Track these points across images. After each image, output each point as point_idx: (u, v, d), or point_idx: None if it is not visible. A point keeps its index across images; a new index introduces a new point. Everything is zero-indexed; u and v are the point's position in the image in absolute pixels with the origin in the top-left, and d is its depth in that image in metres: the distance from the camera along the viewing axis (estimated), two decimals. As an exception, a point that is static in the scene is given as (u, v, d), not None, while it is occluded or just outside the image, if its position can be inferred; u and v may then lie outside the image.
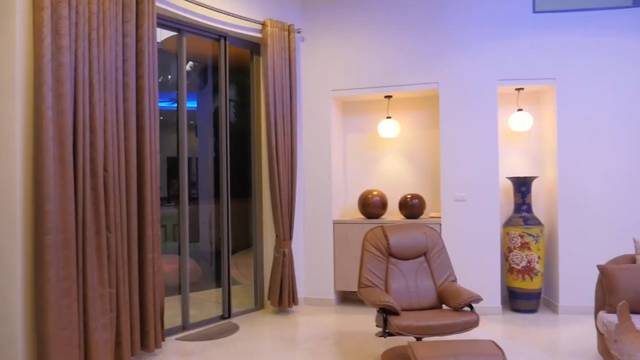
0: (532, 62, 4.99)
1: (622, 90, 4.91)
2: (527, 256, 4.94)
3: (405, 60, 5.24)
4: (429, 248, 4.03)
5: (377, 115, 5.72)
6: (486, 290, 4.96)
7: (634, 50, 4.89)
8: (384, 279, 3.91)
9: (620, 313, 2.21)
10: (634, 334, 2.22)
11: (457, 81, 5.09)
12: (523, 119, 5.20)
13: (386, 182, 5.71)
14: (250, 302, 5.43)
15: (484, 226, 5.00)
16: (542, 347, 4.03)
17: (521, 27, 5.01)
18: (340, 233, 5.39)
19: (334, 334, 4.49)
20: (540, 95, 5.39)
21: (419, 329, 3.38)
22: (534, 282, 4.96)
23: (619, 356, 2.07)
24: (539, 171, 5.39)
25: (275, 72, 5.13)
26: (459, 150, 5.07)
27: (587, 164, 4.93)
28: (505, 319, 4.86)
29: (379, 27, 5.32)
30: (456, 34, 5.10)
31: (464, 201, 5.03)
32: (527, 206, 5.05)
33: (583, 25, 4.95)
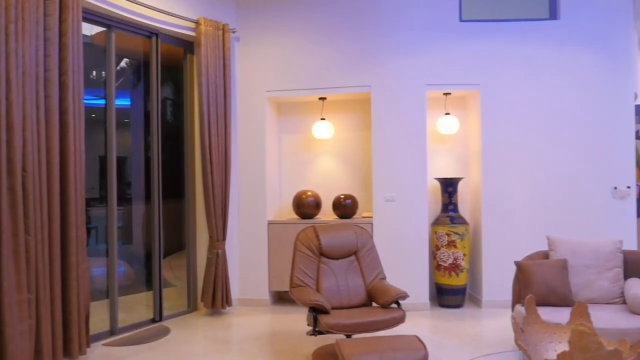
0: (458, 68, 5.22)
1: (540, 97, 5.23)
2: (453, 254, 5.16)
3: (339, 63, 5.33)
4: (360, 247, 4.13)
5: (311, 117, 5.79)
6: (415, 287, 5.16)
7: (551, 60, 5.23)
8: (315, 279, 3.97)
9: (527, 306, 2.37)
10: (540, 325, 2.39)
11: (388, 85, 5.24)
12: (450, 123, 5.43)
13: (320, 183, 5.79)
14: (183, 305, 5.34)
15: (413, 225, 5.18)
16: (465, 340, 4.23)
17: (449, 34, 5.23)
18: (275, 233, 5.41)
19: (267, 334, 4.50)
20: (466, 100, 5.65)
21: (348, 327, 3.46)
22: (460, 278, 5.19)
23: (525, 346, 2.22)
24: (465, 172, 5.64)
25: (209, 71, 5.07)
26: (389, 152, 5.22)
27: (508, 166, 5.22)
28: (433, 314, 5.05)
29: (314, 29, 5.39)
30: (388, 39, 5.25)
31: (394, 201, 5.19)
32: (453, 206, 5.27)
33: (505, 35, 5.23)
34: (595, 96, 5.26)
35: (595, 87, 5.26)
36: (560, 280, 3.70)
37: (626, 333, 3.18)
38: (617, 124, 5.32)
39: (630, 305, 3.43)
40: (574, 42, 5.24)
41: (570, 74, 5.24)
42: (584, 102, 5.25)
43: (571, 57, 5.24)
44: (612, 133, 5.29)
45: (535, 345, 2.31)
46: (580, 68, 5.25)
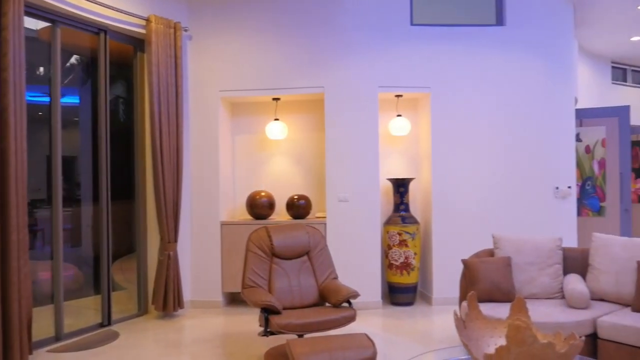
0: (409, 71, 5.33)
1: (487, 100, 5.40)
2: (404, 253, 5.26)
3: (293, 64, 5.34)
4: (312, 247, 4.16)
5: (265, 117, 5.78)
6: (368, 286, 5.23)
7: (497, 64, 5.41)
8: (267, 279, 3.97)
9: (470, 302, 2.45)
10: (482, 320, 2.48)
11: (341, 86, 5.29)
12: (402, 124, 5.53)
13: (274, 183, 5.79)
14: (134, 308, 5.22)
15: (366, 225, 5.25)
16: (415, 337, 4.33)
17: (400, 38, 5.33)
18: (228, 234, 5.37)
19: (220, 336, 4.47)
20: (418, 102, 5.78)
21: (299, 327, 3.48)
22: (411, 276, 5.30)
23: (466, 342, 2.30)
24: (416, 173, 5.77)
25: (160, 70, 4.99)
26: (343, 153, 5.28)
27: (456, 166, 5.37)
28: (385, 312, 5.14)
29: (268, 29, 5.38)
30: (341, 41, 5.30)
31: (347, 201, 5.25)
32: (405, 206, 5.38)
33: (454, 39, 5.38)
34: (538, 100, 5.48)
35: (538, 91, 5.48)
36: (504, 277, 3.84)
37: (564, 326, 3.34)
38: (558, 127, 5.56)
39: (568, 300, 3.59)
40: (518, 48, 5.45)
41: (515, 79, 5.44)
42: (528, 105, 5.46)
43: (516, 62, 5.44)
44: (554, 135, 5.53)
45: (477, 340, 2.40)
46: (524, 73, 5.45)
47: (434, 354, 2.92)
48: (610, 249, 3.81)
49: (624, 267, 3.67)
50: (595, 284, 3.79)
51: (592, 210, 6.51)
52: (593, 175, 6.50)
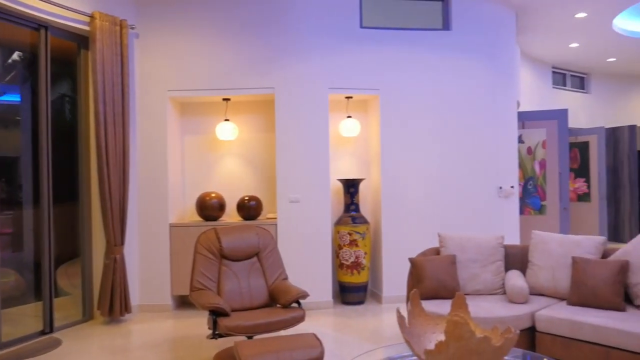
0: (359, 73, 5.41)
1: (434, 103, 5.55)
2: (355, 252, 5.33)
3: (243, 64, 5.31)
4: (262, 248, 4.15)
5: (215, 118, 5.72)
6: (319, 286, 5.27)
7: (444, 68, 5.57)
8: (216, 281, 3.93)
9: (412, 300, 2.52)
10: (424, 317, 2.55)
11: (292, 87, 5.31)
12: (352, 125, 5.60)
13: (225, 184, 5.74)
14: (78, 314, 5.06)
15: (316, 225, 5.29)
16: (365, 335, 4.39)
17: (350, 40, 5.40)
18: (177, 236, 5.28)
19: (168, 340, 4.39)
20: (368, 104, 5.86)
21: (248, 328, 3.47)
22: (361, 275, 5.37)
23: (409, 339, 2.36)
24: (366, 173, 5.85)
25: (106, 68, 4.85)
26: (293, 154, 5.29)
27: (405, 167, 5.48)
28: (335, 312, 5.18)
29: (218, 28, 5.33)
30: (292, 42, 5.32)
31: (298, 202, 5.26)
32: (355, 206, 5.45)
33: (403, 42, 5.49)
34: (483, 103, 5.67)
35: (483, 94, 5.68)
36: (449, 275, 3.95)
37: (504, 320, 3.47)
38: (502, 129, 5.77)
39: (509, 295, 3.74)
40: (464, 53, 5.62)
41: (461, 82, 5.61)
42: (473, 108, 5.64)
43: (462, 66, 5.61)
44: (498, 137, 5.74)
45: (419, 336, 2.46)
46: (470, 76, 5.63)
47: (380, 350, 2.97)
48: (547, 245, 3.99)
49: (560, 262, 3.86)
50: (534, 279, 3.97)
51: (533, 209, 6.79)
52: (534, 176, 6.78)
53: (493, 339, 2.20)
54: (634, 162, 9.32)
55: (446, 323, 2.09)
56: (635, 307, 3.52)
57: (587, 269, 3.60)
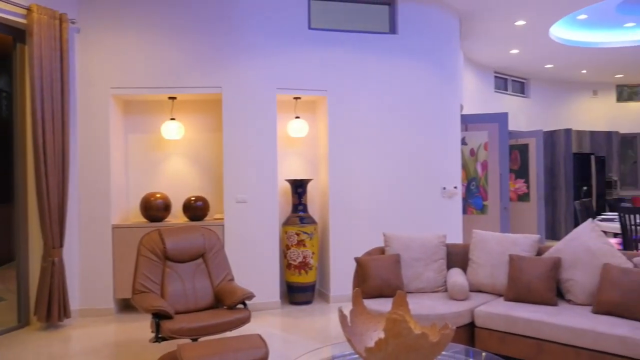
0: (307, 74, 5.43)
1: (381, 104, 5.65)
2: (302, 252, 5.35)
3: (190, 63, 5.23)
4: (207, 249, 4.10)
5: (160, 116, 5.60)
6: (267, 287, 5.26)
7: (390, 71, 5.68)
8: (159, 283, 3.85)
9: (354, 299, 2.56)
10: (366, 316, 2.60)
11: (240, 87, 5.27)
12: (300, 126, 5.62)
13: (170, 185, 5.63)
14: (13, 320, 4.83)
15: (264, 226, 5.27)
16: (312, 335, 4.42)
17: (298, 41, 5.41)
18: (121, 238, 5.14)
19: (109, 345, 4.26)
20: (316, 105, 5.90)
21: (192, 331, 3.42)
22: (309, 275, 5.40)
23: (350, 337, 2.40)
24: (314, 174, 5.89)
25: (44, 63, 4.66)
26: (241, 154, 5.26)
27: (352, 168, 5.56)
28: (283, 312, 5.19)
29: (164, 25, 5.22)
30: (240, 41, 5.28)
31: (245, 202, 5.23)
32: (303, 206, 5.47)
33: (350, 45, 5.56)
34: (427, 106, 5.82)
35: (427, 97, 5.83)
36: (393, 273, 4.03)
37: (445, 317, 3.58)
38: (446, 131, 5.95)
39: (450, 292, 3.86)
40: (410, 56, 5.76)
41: (406, 85, 5.74)
42: (418, 110, 5.78)
43: (407, 70, 5.74)
44: (442, 139, 5.91)
45: (361, 335, 2.51)
46: (415, 80, 5.77)
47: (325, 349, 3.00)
48: (487, 244, 4.14)
49: (499, 260, 4.02)
50: (474, 276, 4.11)
51: (476, 209, 7.03)
52: (477, 176, 7.03)
53: (430, 335, 2.27)
54: (570, 163, 9.82)
55: (385, 321, 2.14)
56: (566, 301, 3.71)
57: (523, 266, 3.77)
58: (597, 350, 3.08)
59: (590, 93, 11.26)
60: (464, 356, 2.87)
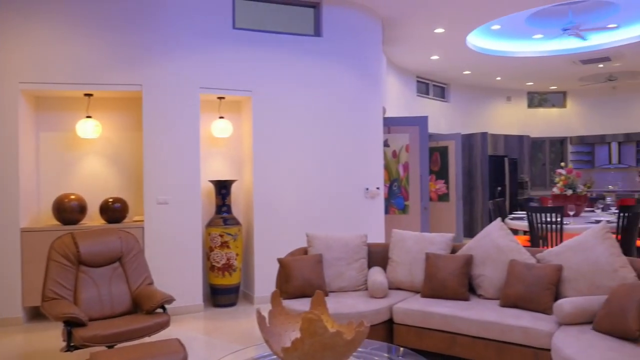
0: (231, 73, 5.38)
1: (305, 106, 5.70)
2: (226, 254, 5.29)
3: (108, 58, 5.01)
4: (125, 253, 3.96)
5: (76, 114, 5.34)
6: (189, 290, 5.15)
7: (315, 73, 5.74)
8: (72, 289, 3.68)
9: (273, 300, 2.57)
10: (285, 316, 2.62)
11: (161, 85, 5.12)
12: (224, 126, 5.56)
13: (86, 185, 5.37)
14: None
15: (186, 228, 5.16)
16: (235, 337, 4.38)
17: (223, 40, 5.35)
18: (30, 242, 4.84)
19: (17, 356, 4.00)
20: (241, 105, 5.86)
21: (106, 338, 3.29)
22: (233, 277, 5.35)
23: (269, 338, 2.41)
24: (238, 175, 5.84)
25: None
26: (162, 154, 5.12)
27: (277, 169, 5.57)
28: (206, 315, 5.11)
29: (81, 17, 4.97)
30: (161, 39, 5.13)
31: (167, 204, 5.10)
32: (227, 207, 5.41)
33: (276, 46, 5.57)
34: (351, 108, 5.95)
35: (351, 100, 5.95)
36: (315, 273, 4.08)
37: (365, 315, 3.68)
38: (369, 133, 6.10)
39: (370, 291, 3.96)
40: (334, 59, 5.85)
41: (332, 87, 5.83)
42: (342, 113, 5.89)
43: (332, 72, 5.84)
44: (365, 141, 6.05)
45: (279, 335, 2.52)
46: (339, 82, 5.88)
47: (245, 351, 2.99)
48: (405, 243, 4.29)
49: (416, 258, 4.17)
50: (393, 274, 4.25)
51: (398, 209, 7.27)
52: (399, 177, 7.26)
53: (345, 333, 2.33)
54: (486, 165, 10.38)
55: (301, 321, 2.17)
56: (477, 296, 3.92)
57: (438, 264, 3.94)
58: (503, 341, 3.28)
59: (505, 99, 11.96)
60: (381, 352, 2.96)
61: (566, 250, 3.55)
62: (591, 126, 12.07)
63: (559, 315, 3.12)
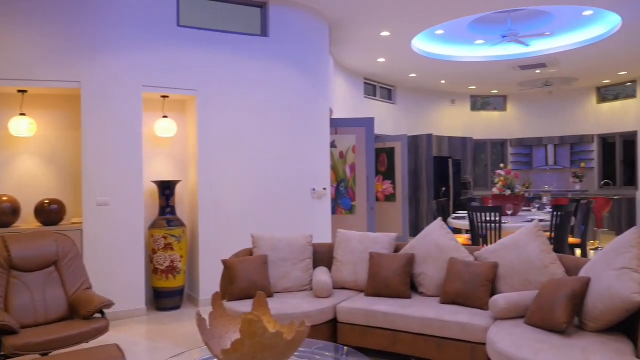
0: (176, 72, 5.27)
1: (253, 106, 5.66)
2: (170, 256, 5.19)
3: (43, 53, 4.79)
4: (61, 257, 3.81)
5: (8, 111, 5.07)
6: (131, 293, 5.01)
7: (262, 73, 5.72)
8: (3, 296, 3.50)
9: (213, 302, 2.54)
10: (226, 318, 2.59)
11: (101, 83, 4.96)
12: (168, 126, 5.44)
13: (20, 186, 5.12)
14: None
15: (128, 230, 5.02)
16: (179, 341, 4.30)
17: (167, 37, 5.23)
18: (-43, 246, 4.56)
19: (-59, 368, 3.77)
20: (185, 104, 5.75)
21: (40, 345, 3.16)
22: (177, 280, 5.25)
23: (209, 341, 2.38)
24: (183, 175, 5.73)
25: None
26: (102, 154, 4.95)
27: (223, 169, 5.50)
28: (149, 319, 4.98)
29: (12, 8, 4.72)
30: (101, 34, 4.96)
31: (107, 205, 4.94)
32: (171, 208, 5.30)
33: (222, 45, 5.51)
34: (298, 109, 5.96)
35: (299, 101, 5.97)
36: (260, 274, 4.07)
37: (309, 315, 3.69)
38: (316, 134, 6.13)
39: (315, 291, 3.99)
40: (281, 59, 5.85)
41: (278, 88, 5.82)
42: (289, 113, 5.90)
43: (279, 73, 5.83)
44: (312, 142, 6.08)
45: (220, 337, 2.50)
46: (286, 83, 5.88)
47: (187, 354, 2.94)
48: (349, 243, 4.35)
49: (360, 258, 4.24)
50: (338, 274, 4.29)
51: (345, 209, 7.34)
52: (346, 178, 7.34)
53: (286, 333, 2.33)
54: (431, 166, 10.65)
55: (241, 322, 2.16)
56: (419, 294, 4.02)
57: (381, 263, 4.01)
58: (442, 337, 3.38)
59: (449, 102, 12.32)
60: (324, 352, 2.99)
61: (502, 248, 3.70)
62: (529, 129, 12.62)
63: (494, 310, 3.25)
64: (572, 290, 2.83)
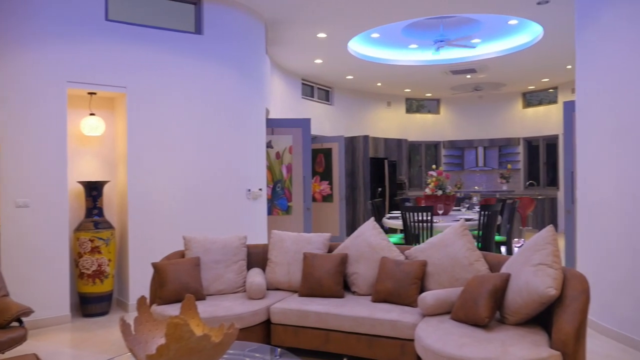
0: (103, 68, 5.06)
1: (186, 105, 5.53)
2: (97, 260, 4.97)
3: (-45, 45, 4.47)
4: (-27, 262, 3.56)
5: None
6: (54, 299, 4.77)
7: (196, 71, 5.60)
8: None
9: (138, 306, 2.46)
10: (152, 322, 2.51)
11: (21, 78, 4.67)
12: (95, 124, 5.22)
13: None
14: None
15: (51, 233, 4.76)
16: (105, 348, 4.12)
17: (93, 32, 5.01)
18: None
19: None
20: (114, 102, 5.53)
21: (-52, 358, 2.93)
22: (105, 284, 5.04)
23: (133, 346, 2.30)
24: (112, 175, 5.51)
25: None
26: (22, 153, 4.67)
27: (154, 169, 5.34)
28: (74, 326, 4.75)
29: None
30: (22, 26, 4.67)
31: (28, 207, 4.66)
32: (98, 210, 5.08)
33: (153, 41, 5.34)
34: (233, 109, 5.88)
35: (234, 100, 5.89)
36: (192, 277, 3.98)
37: (242, 317, 3.65)
38: (251, 134, 6.08)
39: (248, 292, 3.94)
40: (216, 58, 5.75)
41: (213, 87, 5.72)
42: (225, 113, 5.81)
43: (214, 72, 5.73)
44: (247, 142, 6.02)
45: (146, 342, 2.42)
46: (222, 82, 5.78)
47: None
48: (283, 243, 4.34)
49: (294, 258, 4.23)
50: (272, 275, 4.27)
51: (281, 210, 7.33)
52: (282, 179, 7.33)
53: (213, 336, 2.29)
54: (367, 167, 10.83)
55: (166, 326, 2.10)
56: (352, 293, 4.07)
57: (315, 263, 4.03)
58: (373, 334, 3.44)
59: (385, 104, 12.58)
60: (256, 353, 2.97)
61: (430, 246, 3.81)
62: (461, 132, 13.12)
63: (422, 307, 3.34)
64: (493, 286, 2.97)
